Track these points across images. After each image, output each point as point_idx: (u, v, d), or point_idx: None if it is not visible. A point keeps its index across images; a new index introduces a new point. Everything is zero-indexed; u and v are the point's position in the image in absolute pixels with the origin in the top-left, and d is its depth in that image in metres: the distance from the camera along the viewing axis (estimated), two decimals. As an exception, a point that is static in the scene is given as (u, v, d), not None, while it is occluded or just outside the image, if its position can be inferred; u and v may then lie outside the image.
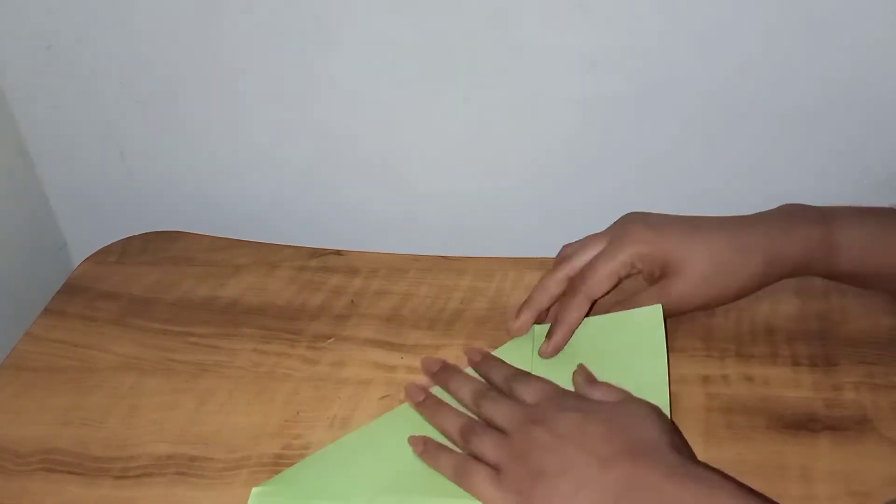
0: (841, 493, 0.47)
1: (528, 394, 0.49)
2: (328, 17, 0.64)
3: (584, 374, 0.52)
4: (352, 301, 0.64)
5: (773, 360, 0.55)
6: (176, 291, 0.66)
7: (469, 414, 0.50)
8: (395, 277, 0.66)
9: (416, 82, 0.67)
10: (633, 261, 0.54)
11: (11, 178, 0.75)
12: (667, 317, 0.54)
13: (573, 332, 0.55)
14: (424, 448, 0.49)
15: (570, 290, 0.55)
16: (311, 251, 0.70)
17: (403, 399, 0.54)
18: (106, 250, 0.72)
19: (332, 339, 0.61)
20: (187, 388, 0.57)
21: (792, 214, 0.55)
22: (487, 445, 0.47)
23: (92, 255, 0.71)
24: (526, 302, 0.57)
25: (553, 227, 0.74)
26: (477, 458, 0.47)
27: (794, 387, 0.53)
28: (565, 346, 0.55)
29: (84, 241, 0.76)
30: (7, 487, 0.51)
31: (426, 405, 0.52)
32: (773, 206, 0.69)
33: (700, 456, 0.48)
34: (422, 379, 0.55)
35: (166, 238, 0.73)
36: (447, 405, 0.51)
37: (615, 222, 0.57)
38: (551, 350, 0.54)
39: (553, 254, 0.66)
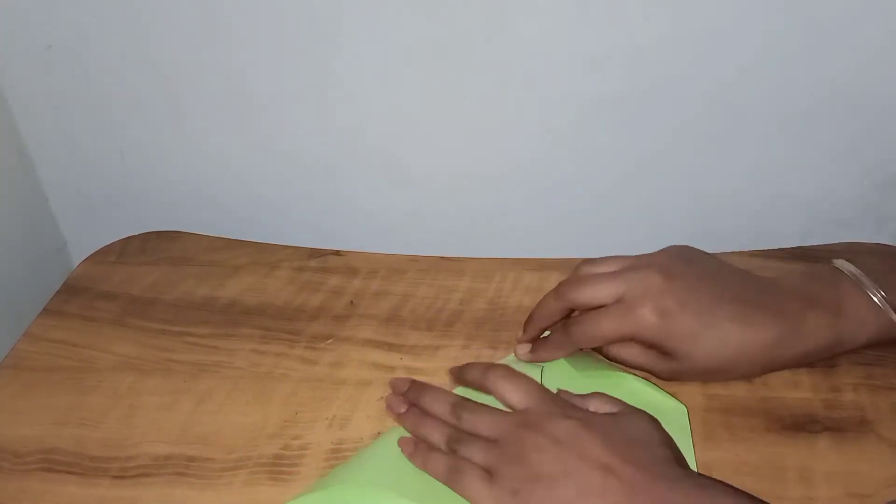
0: (840, 495, 0.47)
1: (515, 397, 0.48)
2: (327, 17, 0.64)
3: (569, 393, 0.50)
4: (351, 301, 0.64)
5: (772, 362, 0.55)
6: (175, 291, 0.66)
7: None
8: (395, 278, 0.66)
9: (416, 83, 0.67)
10: (634, 336, 0.51)
11: (11, 178, 0.75)
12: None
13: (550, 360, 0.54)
14: (415, 449, 0.48)
15: (563, 328, 0.53)
16: (310, 251, 0.70)
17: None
18: (105, 250, 0.72)
19: (331, 340, 0.61)
20: (186, 389, 0.57)
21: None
22: (477, 450, 0.46)
23: (91, 255, 0.71)
24: (528, 322, 0.55)
25: (553, 227, 0.74)
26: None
27: (794, 388, 0.53)
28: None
29: (84, 241, 0.76)
30: (5, 487, 0.51)
31: (408, 416, 0.50)
32: (773, 207, 0.69)
33: (699, 457, 0.49)
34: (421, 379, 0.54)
35: (165, 238, 0.73)
36: (431, 416, 0.49)
37: (640, 266, 0.52)
38: (522, 354, 0.54)
39: (553, 254, 0.66)
